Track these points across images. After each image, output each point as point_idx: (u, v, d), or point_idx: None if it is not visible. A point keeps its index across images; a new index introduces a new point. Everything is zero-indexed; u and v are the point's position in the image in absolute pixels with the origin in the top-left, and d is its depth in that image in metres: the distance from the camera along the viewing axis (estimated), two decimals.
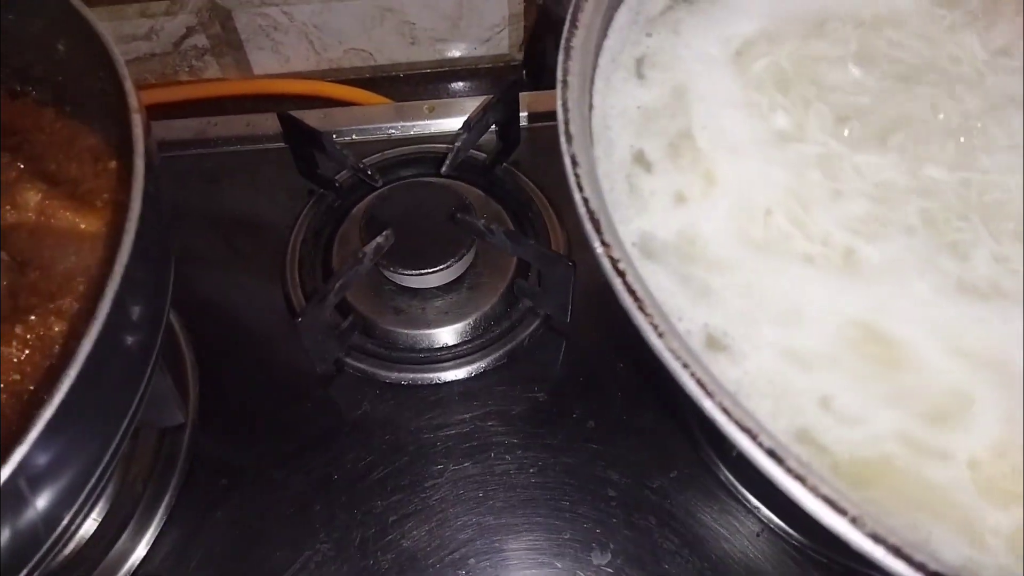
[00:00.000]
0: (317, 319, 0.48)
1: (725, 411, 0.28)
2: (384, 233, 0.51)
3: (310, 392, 0.53)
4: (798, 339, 0.33)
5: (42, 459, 0.30)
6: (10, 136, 0.47)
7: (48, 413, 0.29)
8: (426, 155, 0.61)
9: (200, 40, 0.75)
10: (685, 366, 0.28)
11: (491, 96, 0.56)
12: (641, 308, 0.30)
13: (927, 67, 0.40)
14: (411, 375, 0.54)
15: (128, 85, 0.38)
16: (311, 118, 0.59)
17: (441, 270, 0.54)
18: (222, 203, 0.60)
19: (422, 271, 0.54)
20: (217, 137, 0.63)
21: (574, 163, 0.33)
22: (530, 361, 0.56)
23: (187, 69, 0.77)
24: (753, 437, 0.27)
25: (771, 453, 0.27)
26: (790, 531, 0.48)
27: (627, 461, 0.51)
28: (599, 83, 0.40)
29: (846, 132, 0.38)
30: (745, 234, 0.36)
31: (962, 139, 0.38)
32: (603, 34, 0.41)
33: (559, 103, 0.35)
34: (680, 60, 0.41)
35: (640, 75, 0.41)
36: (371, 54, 0.79)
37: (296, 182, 0.61)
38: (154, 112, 0.69)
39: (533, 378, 0.55)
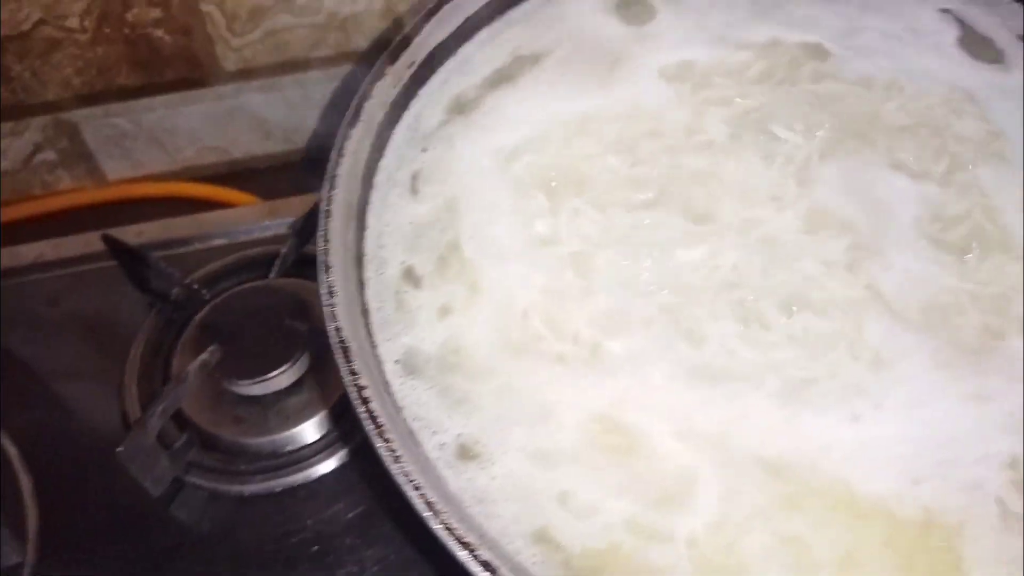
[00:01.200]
0: (140, 447, 0.52)
1: (448, 528, 0.32)
2: (209, 349, 0.55)
3: (153, 514, 0.57)
4: (544, 438, 0.38)
5: None
6: None
7: None
8: (259, 258, 0.66)
9: (49, 155, 0.80)
10: (416, 488, 0.33)
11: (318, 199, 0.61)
12: (380, 434, 0.34)
13: (675, 160, 0.47)
14: (254, 486, 0.58)
15: None
16: (149, 230, 0.64)
17: (276, 375, 0.58)
18: (61, 324, 0.64)
19: (257, 379, 0.58)
20: (56, 260, 0.67)
21: (330, 294, 0.38)
22: (372, 458, 0.60)
23: (40, 184, 0.82)
24: (472, 551, 0.32)
25: (486, 565, 0.31)
26: None
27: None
28: (375, 202, 0.45)
29: (599, 228, 0.44)
30: (504, 339, 0.41)
31: (700, 226, 0.44)
32: (379, 153, 0.47)
33: (320, 234, 0.40)
34: (454, 173, 0.47)
35: (415, 190, 0.46)
36: (226, 150, 0.84)
37: (136, 297, 0.65)
38: (12, 230, 0.74)
39: (376, 474, 0.59)
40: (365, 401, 0.35)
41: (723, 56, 0.52)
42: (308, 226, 0.63)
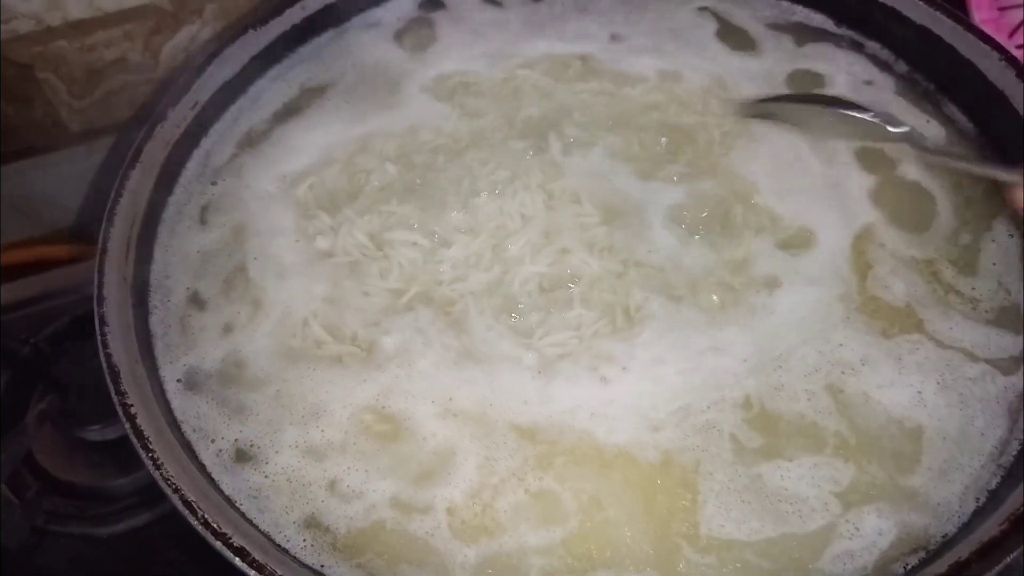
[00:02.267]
0: None
1: (206, 523, 0.35)
2: (47, 399, 0.57)
3: (17, 565, 0.58)
4: (316, 435, 0.41)
5: None
6: None
7: None
8: None
9: None
10: (176, 491, 0.36)
11: None
12: (144, 446, 0.37)
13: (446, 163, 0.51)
14: (114, 527, 0.60)
15: None
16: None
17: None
18: None
19: (102, 425, 0.60)
20: None
21: (103, 323, 0.41)
22: None
23: None
24: (226, 540, 0.35)
25: (240, 551, 0.34)
26: None
27: None
28: (163, 235, 0.48)
29: (375, 235, 0.47)
30: (283, 348, 0.44)
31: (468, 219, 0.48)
32: (167, 191, 0.50)
33: (95, 270, 0.43)
34: (242, 201, 0.50)
35: (204, 221, 0.50)
36: (90, 208, 0.86)
37: None
38: None
39: None
40: (131, 418, 0.37)
41: (497, 70, 0.56)
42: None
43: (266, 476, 0.40)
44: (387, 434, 0.41)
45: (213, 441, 0.41)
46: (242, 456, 0.41)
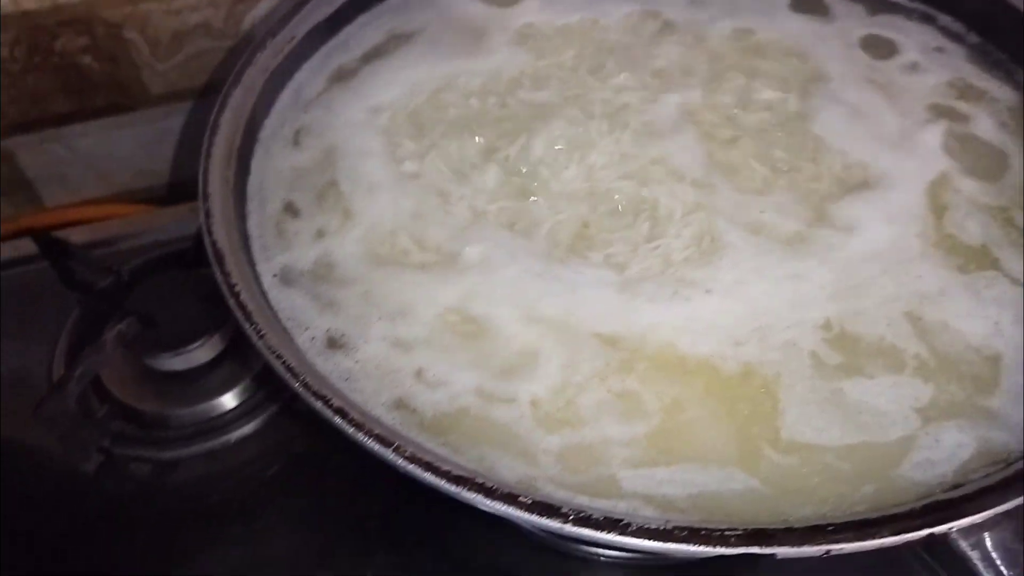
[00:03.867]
0: (60, 407, 0.55)
1: (306, 385, 0.37)
2: (126, 320, 0.59)
3: (80, 486, 0.60)
4: (402, 329, 0.43)
5: None
6: None
7: None
8: (181, 253, 0.71)
9: None
10: (278, 357, 0.38)
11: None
12: (248, 318, 0.39)
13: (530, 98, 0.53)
14: (176, 452, 0.61)
15: None
16: (74, 233, 0.69)
17: (195, 348, 0.63)
18: None
19: (177, 352, 0.62)
20: None
21: (207, 215, 0.43)
22: (296, 419, 0.64)
23: None
24: (326, 400, 0.36)
25: (340, 412, 0.36)
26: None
27: (385, 494, 0.59)
28: (259, 153, 0.51)
29: (455, 164, 0.50)
30: (371, 254, 0.46)
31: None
32: (264, 114, 0.53)
33: (201, 170, 0.45)
34: (332, 128, 0.53)
35: (296, 143, 0.52)
36: (161, 173, 0.89)
37: (64, 295, 0.69)
38: None
39: (297, 435, 0.63)
40: (236, 295, 0.39)
41: (578, 23, 0.58)
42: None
43: (356, 362, 0.41)
44: (470, 333, 0.43)
45: (307, 329, 0.42)
46: (333, 343, 0.42)
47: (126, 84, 0.80)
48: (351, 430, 0.34)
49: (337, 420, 0.35)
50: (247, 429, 0.63)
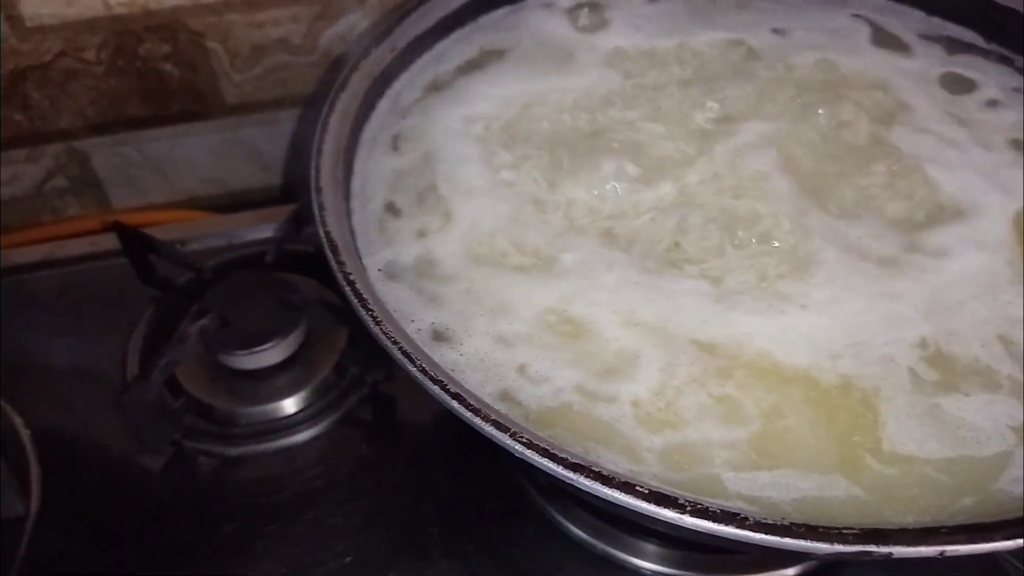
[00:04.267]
0: (142, 397, 0.57)
1: (424, 371, 0.38)
2: (208, 316, 0.61)
3: (150, 475, 0.61)
4: (504, 326, 0.44)
5: None
6: None
7: None
8: (260, 255, 0.73)
9: (60, 182, 0.87)
10: (395, 343, 0.39)
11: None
12: (364, 306, 0.40)
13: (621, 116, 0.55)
14: (246, 448, 0.63)
15: None
16: (153, 232, 0.71)
17: (270, 348, 0.64)
18: (68, 314, 0.69)
19: (252, 350, 0.64)
20: (64, 257, 0.73)
21: (321, 208, 0.45)
22: (360, 424, 0.65)
23: (50, 210, 0.89)
24: (443, 386, 0.37)
25: (457, 396, 0.37)
26: (594, 542, 0.57)
27: (447, 501, 0.60)
28: (361, 155, 0.53)
29: (550, 175, 0.51)
30: (471, 253, 0.48)
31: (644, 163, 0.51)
32: (365, 118, 0.55)
33: (312, 165, 0.47)
34: (429, 134, 0.55)
35: (396, 148, 0.54)
36: (226, 181, 0.92)
37: (139, 291, 0.71)
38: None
39: (362, 438, 0.64)
40: (351, 284, 0.41)
41: (665, 48, 0.61)
42: (296, 218, 0.70)
43: (461, 354, 0.43)
44: (570, 333, 0.44)
45: (412, 321, 0.44)
46: (438, 336, 0.44)
47: (202, 92, 0.83)
48: (468, 414, 0.35)
49: (455, 404, 0.36)
50: (311, 432, 0.64)
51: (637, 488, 0.33)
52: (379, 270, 0.46)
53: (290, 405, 0.65)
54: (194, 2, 0.76)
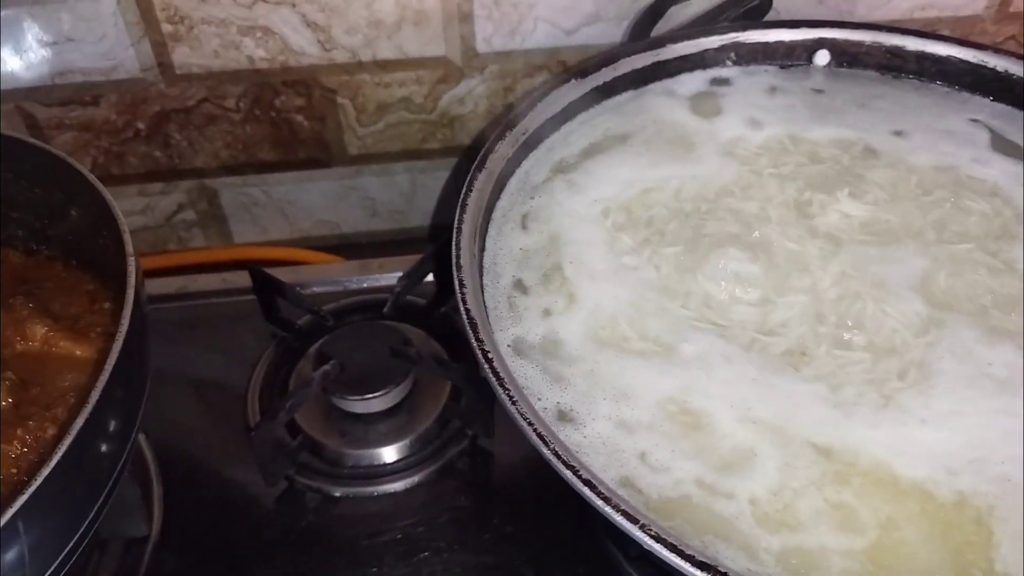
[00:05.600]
0: (269, 433, 0.60)
1: (557, 455, 0.39)
2: (331, 362, 0.64)
3: (262, 507, 0.64)
4: (625, 411, 0.45)
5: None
6: (24, 284, 0.61)
7: (28, 492, 0.38)
8: (375, 302, 0.76)
9: (189, 215, 0.92)
10: (530, 424, 0.41)
11: (426, 251, 0.72)
12: (501, 385, 0.42)
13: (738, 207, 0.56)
14: (352, 489, 0.65)
15: (127, 237, 0.52)
16: (278, 273, 0.74)
17: (381, 395, 0.67)
18: (195, 344, 0.73)
19: (364, 396, 0.66)
20: (196, 291, 0.77)
21: (461, 285, 0.47)
22: (458, 475, 0.66)
23: (176, 240, 0.94)
24: (575, 471, 0.39)
25: (588, 483, 0.38)
26: None
27: (540, 560, 0.61)
28: (492, 232, 0.55)
29: (671, 264, 0.53)
30: (594, 336, 0.49)
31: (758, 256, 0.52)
32: (497, 196, 0.57)
33: (453, 244, 0.50)
34: (556, 216, 0.57)
35: (524, 226, 0.56)
36: (338, 224, 0.95)
37: (262, 328, 0.74)
38: (146, 276, 0.84)
39: (460, 490, 0.65)
40: (490, 362, 0.43)
41: (784, 141, 0.62)
42: (416, 273, 0.73)
43: (584, 436, 0.44)
44: (689, 424, 0.45)
45: (539, 400, 0.45)
46: (563, 417, 0.45)
47: (328, 143, 0.87)
48: (599, 502, 0.37)
49: (586, 491, 0.37)
50: (413, 479, 0.66)
51: None
52: (508, 346, 0.48)
53: (394, 451, 0.67)
54: (330, 61, 0.80)
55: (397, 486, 0.65)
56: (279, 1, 0.75)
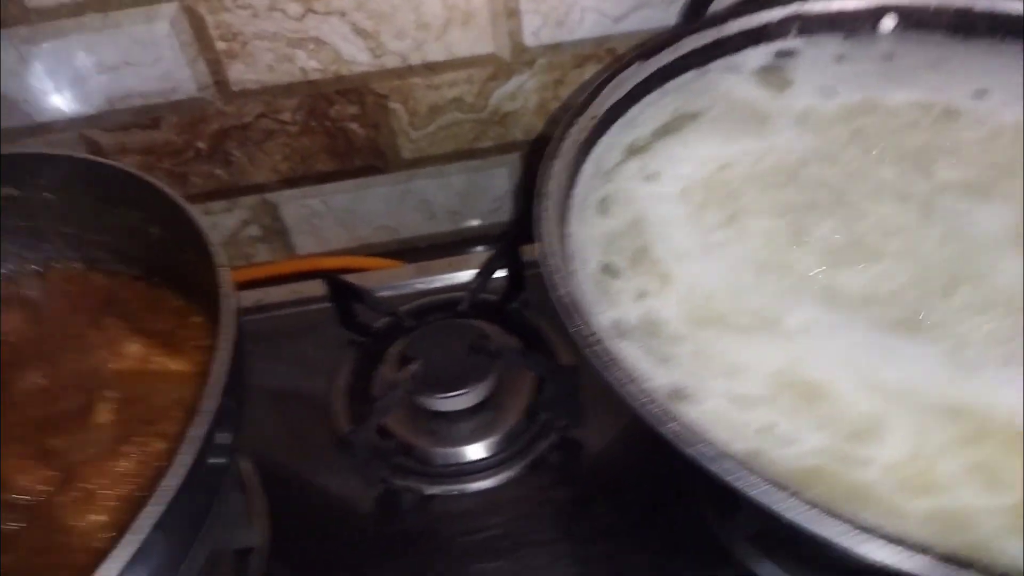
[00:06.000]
0: (364, 438, 0.59)
1: (675, 434, 0.38)
2: (416, 362, 0.63)
3: (362, 510, 0.63)
4: (740, 387, 0.44)
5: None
6: (111, 304, 0.61)
7: (155, 513, 0.38)
8: (447, 302, 0.75)
9: (254, 230, 0.92)
10: (643, 406, 0.39)
11: (496, 248, 0.71)
12: (608, 367, 0.41)
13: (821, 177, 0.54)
14: (447, 487, 0.64)
15: (214, 249, 0.52)
16: (350, 279, 0.74)
17: (466, 393, 0.66)
18: (277, 356, 0.73)
19: (449, 394, 0.65)
20: (270, 303, 0.77)
21: (551, 271, 0.46)
22: (551, 468, 0.65)
23: (242, 256, 0.94)
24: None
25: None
26: None
27: (644, 548, 0.59)
28: (572, 220, 0.54)
29: (762, 236, 0.51)
30: (693, 315, 0.48)
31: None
32: (572, 183, 0.56)
33: (538, 233, 0.48)
34: (635, 198, 0.55)
35: (603, 211, 0.55)
36: (396, 229, 0.95)
37: (337, 335, 0.74)
38: None
39: (556, 482, 0.64)
40: (592, 345, 0.41)
41: (861, 109, 0.60)
42: (488, 269, 0.72)
43: (703, 412, 0.43)
44: (808, 395, 0.44)
45: (649, 380, 0.44)
46: (677, 395, 0.44)
47: (382, 149, 0.87)
48: (742, 472, 0.35)
49: (721, 466, 0.36)
50: (505, 475, 0.65)
51: None
52: (610, 328, 0.47)
53: (484, 448, 0.66)
54: (380, 67, 0.80)
55: (490, 482, 0.64)
56: (328, 11, 0.74)
